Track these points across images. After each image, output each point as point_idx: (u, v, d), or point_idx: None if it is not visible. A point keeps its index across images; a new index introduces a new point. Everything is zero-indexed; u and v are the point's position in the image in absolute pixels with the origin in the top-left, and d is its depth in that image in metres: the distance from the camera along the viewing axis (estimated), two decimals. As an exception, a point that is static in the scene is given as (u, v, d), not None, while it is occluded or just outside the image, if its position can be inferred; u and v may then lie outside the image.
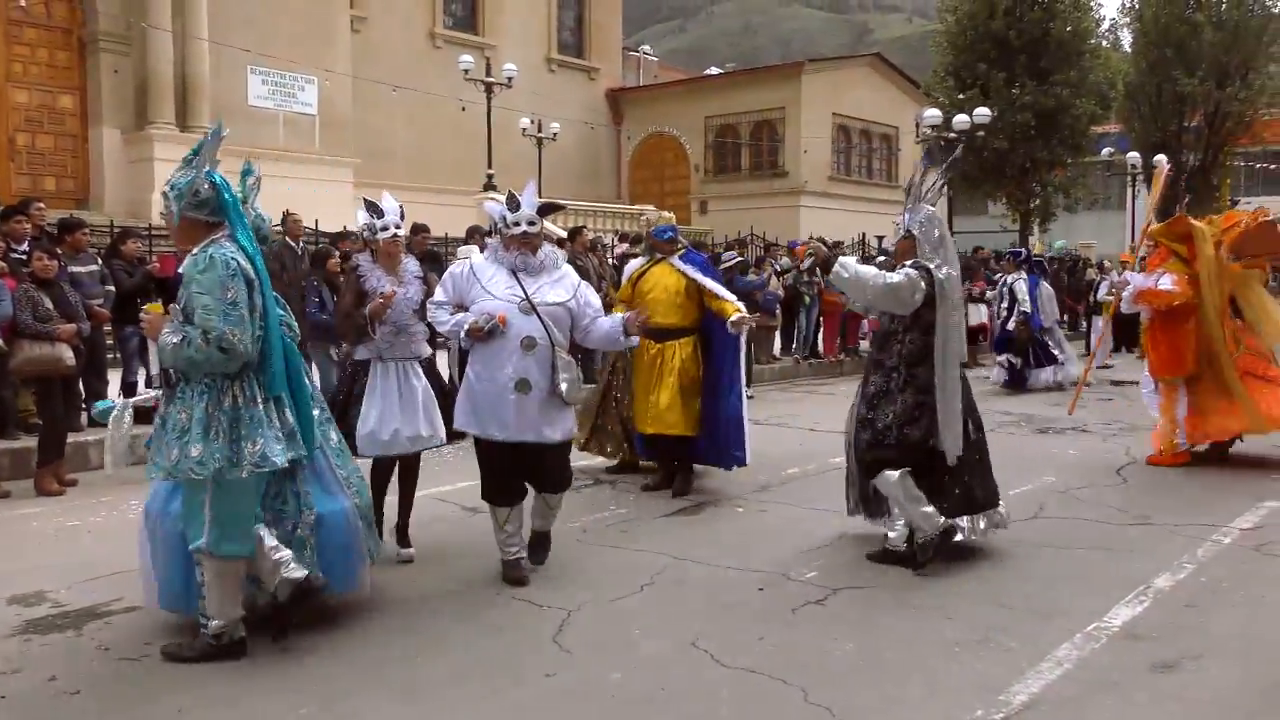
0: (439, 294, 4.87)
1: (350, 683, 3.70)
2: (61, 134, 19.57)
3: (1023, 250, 16.15)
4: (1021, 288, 13.50)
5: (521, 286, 4.68)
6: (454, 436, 5.19)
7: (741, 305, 6.77)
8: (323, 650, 4.00)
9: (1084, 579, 4.90)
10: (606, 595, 4.62)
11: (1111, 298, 15.79)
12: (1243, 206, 34.45)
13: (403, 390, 5.08)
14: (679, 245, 7.04)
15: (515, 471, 4.79)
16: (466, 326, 4.61)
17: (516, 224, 4.73)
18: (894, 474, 4.99)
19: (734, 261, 12.61)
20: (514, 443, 4.68)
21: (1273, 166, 38.77)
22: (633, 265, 7.29)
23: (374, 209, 5.16)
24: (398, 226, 5.21)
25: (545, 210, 4.81)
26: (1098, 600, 4.54)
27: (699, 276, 6.76)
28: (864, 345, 14.83)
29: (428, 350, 5.32)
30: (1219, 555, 5.34)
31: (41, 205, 8.38)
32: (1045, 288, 14.01)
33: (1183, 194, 30.37)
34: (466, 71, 23.89)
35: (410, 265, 5.30)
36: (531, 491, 4.95)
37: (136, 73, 19.46)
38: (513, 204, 4.76)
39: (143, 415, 8.42)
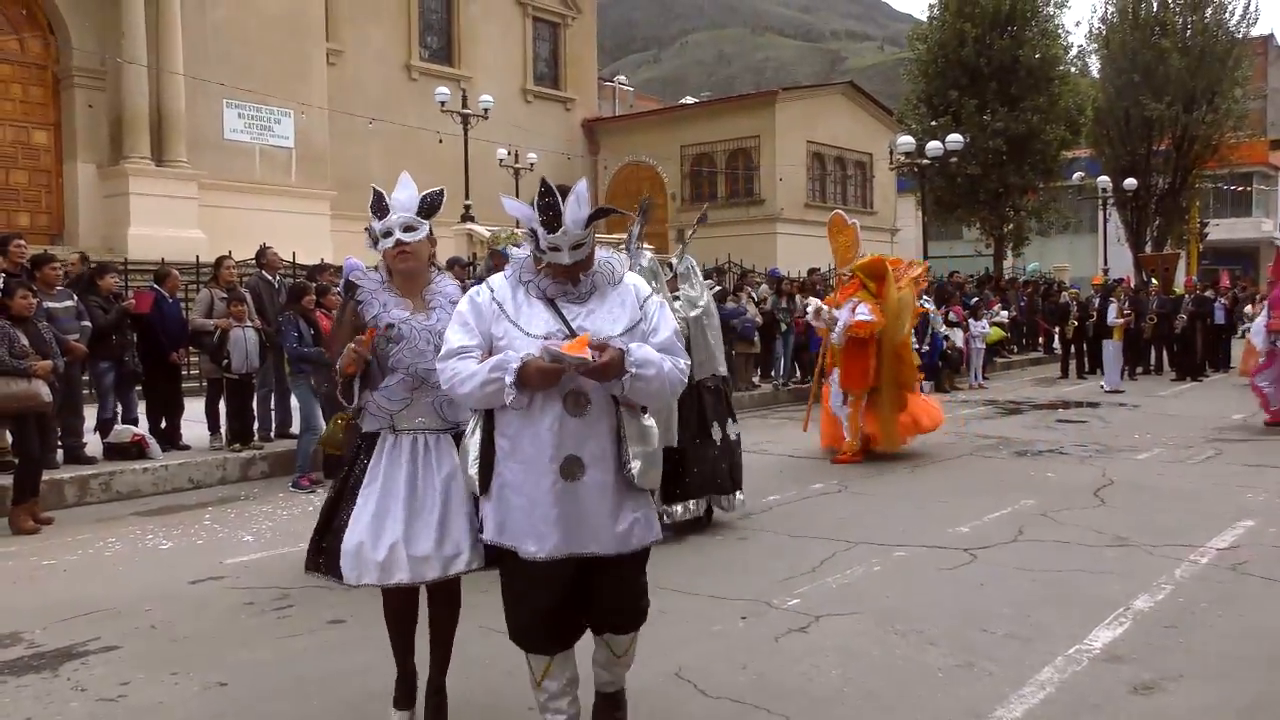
0: (458, 336, 3.07)
1: (332, 720, 3.67)
2: (35, 170, 19.49)
3: None
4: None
5: (563, 318, 3.05)
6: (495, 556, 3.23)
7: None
8: (296, 695, 3.97)
9: (1064, 601, 4.93)
10: (589, 626, 4.60)
11: (1121, 321, 16.05)
12: (1212, 227, 35.07)
13: (416, 480, 3.32)
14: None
15: (564, 600, 3.09)
16: (515, 368, 2.89)
17: (556, 249, 3.03)
18: None
19: (712, 290, 12.65)
20: (561, 560, 3.01)
21: (1240, 189, 39.45)
22: None
23: (378, 203, 3.41)
24: (408, 229, 3.40)
25: (596, 218, 3.08)
26: (1078, 623, 4.57)
27: None
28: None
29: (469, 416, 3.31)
30: (1196, 576, 5.39)
31: (22, 242, 8.34)
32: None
33: (1153, 216, 30.95)
34: (443, 104, 24.00)
35: (444, 286, 3.52)
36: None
37: (111, 107, 19.43)
38: (550, 217, 3.01)
39: (119, 451, 8.40)
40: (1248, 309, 17.29)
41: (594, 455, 3.01)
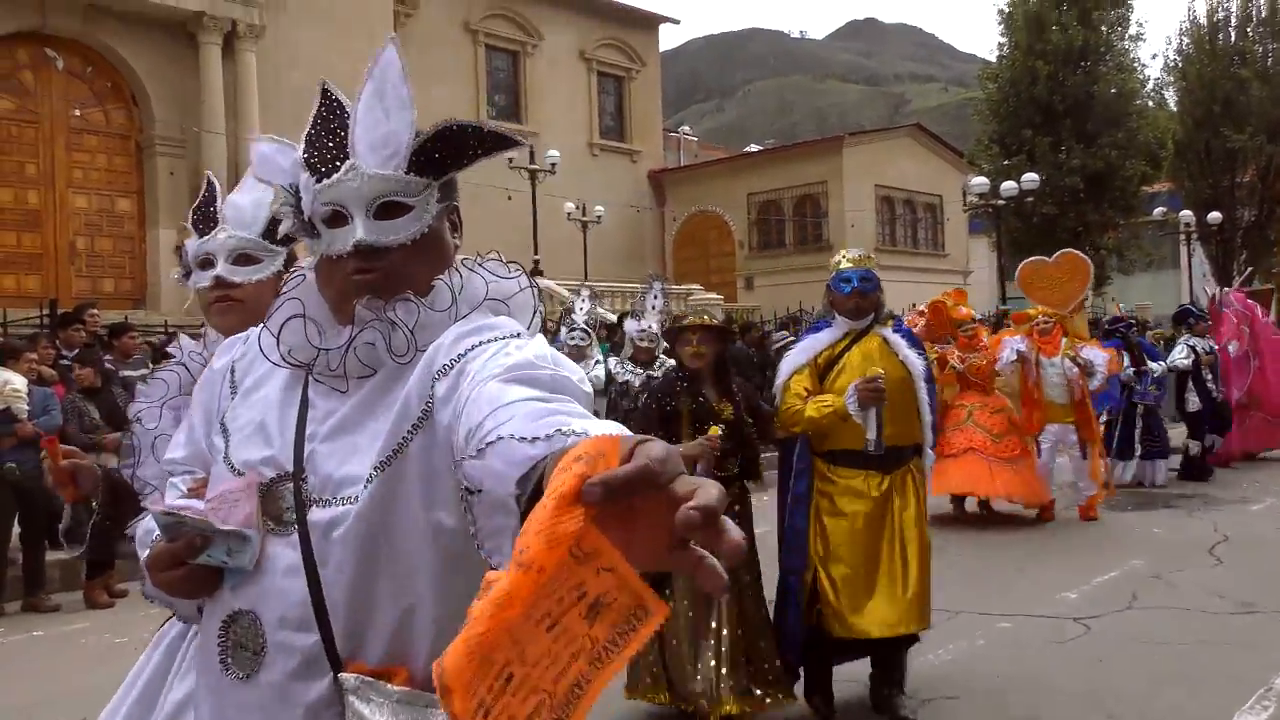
0: (176, 436, 1.61)
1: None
2: (120, 236, 20.05)
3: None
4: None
5: (299, 431, 1.36)
6: None
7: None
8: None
9: (1194, 679, 4.50)
10: None
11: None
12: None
13: (156, 692, 1.91)
14: (885, 307, 4.40)
15: None
16: (149, 548, 1.43)
17: (338, 218, 1.40)
18: None
19: (785, 341, 12.38)
20: None
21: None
22: (814, 343, 4.21)
23: (203, 208, 2.12)
24: (241, 260, 2.05)
25: (453, 149, 1.48)
26: (1214, 704, 4.15)
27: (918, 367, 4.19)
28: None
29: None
30: (1340, 648, 4.91)
31: (95, 312, 8.45)
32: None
33: (1238, 250, 29.87)
34: (511, 159, 24.24)
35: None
36: None
37: (192, 174, 19.92)
38: (322, 146, 1.45)
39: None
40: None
41: None
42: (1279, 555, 6.99)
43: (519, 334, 1.31)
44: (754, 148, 43.41)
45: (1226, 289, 13.01)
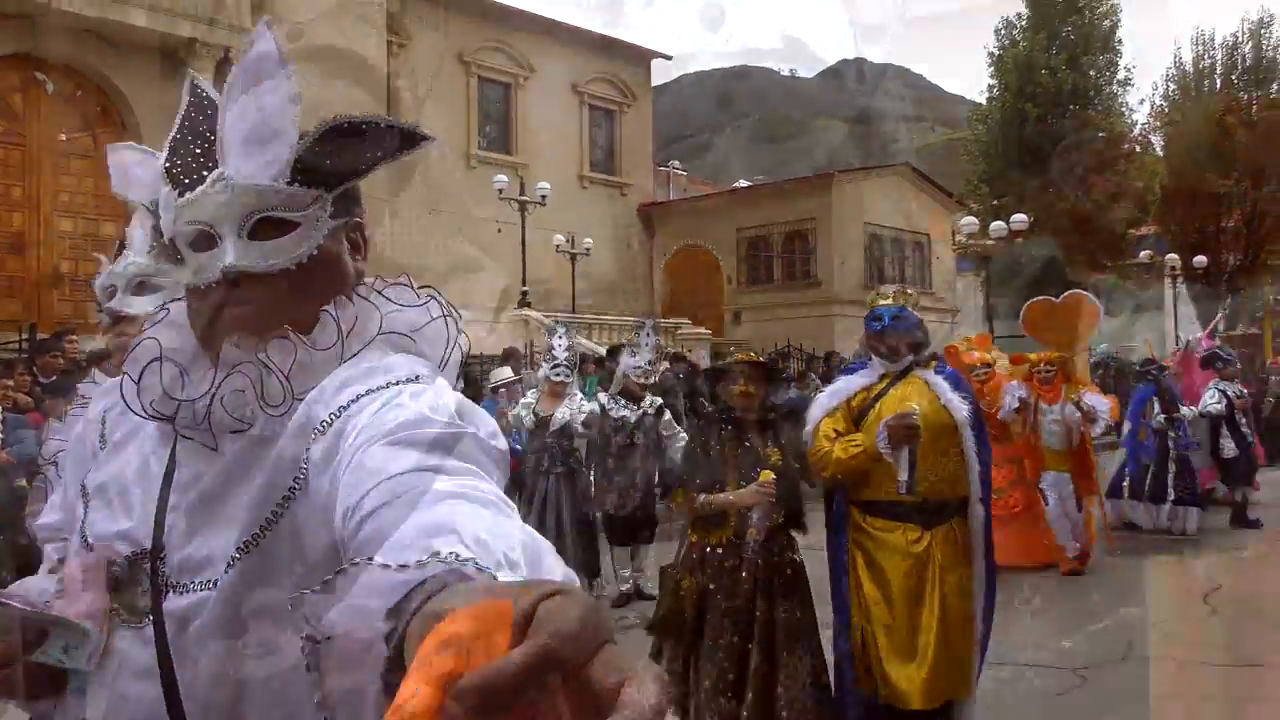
0: (51, 500, 1.60)
1: None
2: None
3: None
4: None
5: (161, 499, 1.13)
6: None
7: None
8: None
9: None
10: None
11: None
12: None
13: None
14: (928, 347, 4.01)
15: None
16: None
17: (202, 239, 1.16)
18: None
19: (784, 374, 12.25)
20: None
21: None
22: (847, 384, 3.92)
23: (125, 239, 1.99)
24: (144, 289, 2.00)
25: (352, 157, 1.16)
26: (1220, 765, 4.03)
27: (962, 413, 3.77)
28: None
29: None
30: (1344, 705, 4.80)
31: (74, 338, 8.29)
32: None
33: (1224, 294, 30.09)
34: (500, 190, 24.25)
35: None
36: None
37: (179, 200, 19.88)
38: (186, 154, 1.18)
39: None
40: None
41: None
42: (1274, 605, 6.90)
43: (417, 377, 1.10)
44: (743, 183, 43.63)
45: (1198, 336, 12.86)
